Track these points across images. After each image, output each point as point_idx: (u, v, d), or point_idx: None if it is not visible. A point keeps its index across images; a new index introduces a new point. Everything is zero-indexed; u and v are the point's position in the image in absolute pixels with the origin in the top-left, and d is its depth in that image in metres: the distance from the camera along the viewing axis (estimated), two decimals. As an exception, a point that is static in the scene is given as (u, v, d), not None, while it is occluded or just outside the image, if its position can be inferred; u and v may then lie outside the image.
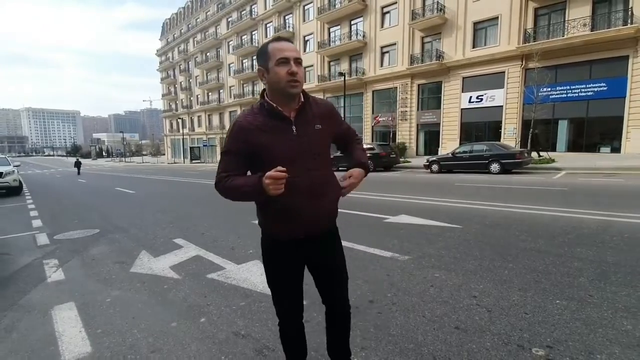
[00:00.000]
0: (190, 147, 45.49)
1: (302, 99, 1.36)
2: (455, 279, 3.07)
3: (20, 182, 12.38)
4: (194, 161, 41.46)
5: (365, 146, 1.62)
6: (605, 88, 16.92)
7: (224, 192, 1.37)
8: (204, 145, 42.90)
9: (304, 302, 1.61)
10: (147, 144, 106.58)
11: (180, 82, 55.44)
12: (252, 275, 3.38)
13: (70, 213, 7.71)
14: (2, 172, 11.40)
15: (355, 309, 2.51)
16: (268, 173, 1.18)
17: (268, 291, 2.93)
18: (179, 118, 52.49)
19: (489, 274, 3.14)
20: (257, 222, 1.54)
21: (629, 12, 15.68)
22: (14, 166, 12.56)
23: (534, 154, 15.97)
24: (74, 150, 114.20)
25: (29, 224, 6.51)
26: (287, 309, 1.54)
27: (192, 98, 53.16)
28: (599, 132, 17.79)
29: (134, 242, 4.90)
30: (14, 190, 11.78)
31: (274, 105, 1.31)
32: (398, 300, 2.66)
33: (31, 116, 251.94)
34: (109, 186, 14.77)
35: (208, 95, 49.29)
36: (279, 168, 1.17)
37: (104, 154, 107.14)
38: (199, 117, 52.36)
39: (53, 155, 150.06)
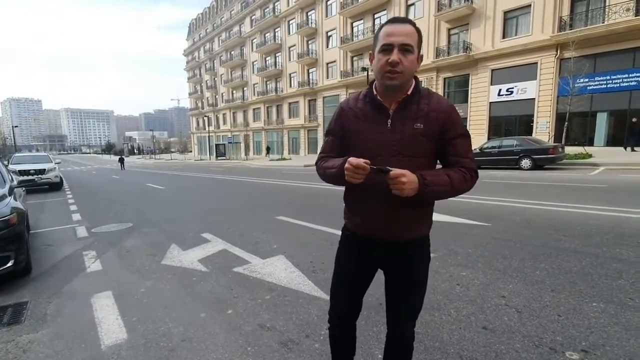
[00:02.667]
0: (216, 144, 46.54)
1: (411, 91, 1.23)
2: (482, 278, 2.99)
3: (61, 178, 13.26)
4: (219, 158, 42.41)
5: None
6: (650, 77, 15.73)
7: (319, 172, 1.40)
8: (229, 142, 43.81)
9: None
10: (175, 141, 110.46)
11: (206, 81, 56.85)
12: (277, 269, 3.44)
13: (106, 208, 8.14)
14: (45, 169, 12.27)
15: (379, 306, 2.50)
16: (351, 159, 1.15)
17: (292, 286, 3.01)
18: (205, 116, 53.89)
19: (519, 273, 3.03)
20: (282, 218, 1.56)
21: (679, -6, 14.47)
22: (55, 163, 13.46)
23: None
24: (108, 148, 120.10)
25: (69, 218, 6.93)
26: (338, 298, 1.47)
27: (217, 96, 54.40)
28: (642, 125, 16.58)
29: (164, 236, 5.11)
30: (55, 186, 12.62)
31: (375, 93, 1.26)
32: (423, 298, 2.62)
33: (70, 116, 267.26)
34: (140, 182, 15.44)
35: (232, 93, 50.26)
36: (361, 164, 1.12)
37: (135, 151, 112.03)
38: (224, 114, 53.53)
39: (89, 153, 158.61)
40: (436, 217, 5.31)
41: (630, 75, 16.30)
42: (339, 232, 1.52)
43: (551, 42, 18.08)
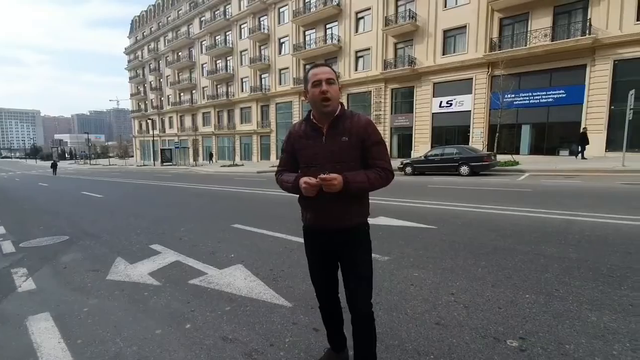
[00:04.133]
0: (161, 149, 43.76)
1: (338, 113, 1.61)
2: (433, 277, 3.22)
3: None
4: (165, 163, 39.91)
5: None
6: (564, 95, 18.13)
7: (277, 182, 1.78)
8: (175, 147, 41.41)
9: None
10: (114, 145, 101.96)
11: (150, 82, 53.54)
12: (236, 279, 3.37)
13: (34, 219, 7.28)
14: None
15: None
16: (305, 178, 1.51)
17: (253, 295, 2.98)
18: (149, 119, 50.59)
19: (464, 272, 3.31)
20: (237, 226, 1.65)
21: (587, 24, 16.90)
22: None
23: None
24: (34, 152, 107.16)
25: (-12, 232, 6.08)
26: (319, 286, 1.84)
27: (162, 98, 51.49)
28: (558, 136, 19.01)
29: (107, 249, 4.73)
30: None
31: (312, 119, 1.66)
32: (381, 300, 2.75)
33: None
34: (74, 190, 14.04)
35: (180, 96, 47.95)
36: (309, 179, 1.50)
37: (66, 155, 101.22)
38: (170, 118, 50.78)
39: (11, 157, 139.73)
40: (389, 221, 5.60)
41: (547, 92, 18.64)
42: (298, 239, 1.69)
43: (484, 61, 20.03)
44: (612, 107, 16.68)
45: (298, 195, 1.69)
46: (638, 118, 14.48)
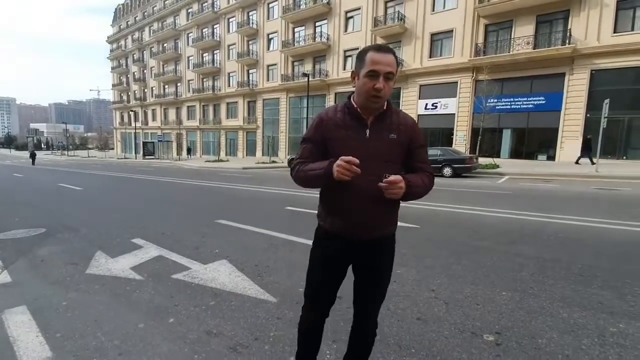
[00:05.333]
0: (144, 142, 42.70)
1: (385, 107, 1.41)
2: (415, 274, 3.30)
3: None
4: (147, 157, 39.01)
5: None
6: (544, 101, 18.78)
7: (296, 175, 1.45)
8: (159, 141, 40.50)
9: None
10: (93, 136, 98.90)
11: (134, 73, 52.17)
12: (220, 274, 3.36)
13: (9, 210, 7.00)
14: None
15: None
16: (343, 157, 1.24)
17: (238, 290, 2.98)
18: (131, 110, 49.32)
19: (445, 270, 3.42)
20: (222, 222, 1.59)
21: (568, 34, 17.55)
22: None
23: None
24: (8, 141, 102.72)
25: (-43, 223, 5.82)
26: (319, 298, 1.57)
27: (146, 90, 50.27)
28: (537, 141, 19.69)
29: (86, 242, 4.61)
30: None
31: (355, 106, 1.40)
32: (364, 296, 2.81)
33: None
34: (51, 182, 13.55)
35: (164, 88, 46.92)
36: (354, 159, 1.23)
37: (42, 146, 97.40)
38: (153, 110, 49.67)
39: None
40: (373, 220, 5.67)
41: (528, 98, 19.26)
42: (283, 236, 1.64)
43: (469, 65, 20.49)
44: (588, 115, 17.39)
45: (320, 190, 1.50)
46: (612, 126, 15.16)
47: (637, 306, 2.60)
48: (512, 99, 19.67)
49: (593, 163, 15.30)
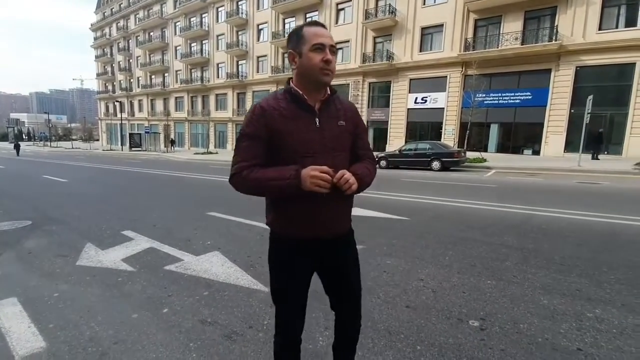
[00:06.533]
0: (130, 134, 41.78)
1: (329, 92, 1.29)
2: (404, 264, 3.40)
3: None
4: (133, 149, 38.26)
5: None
6: (530, 97, 19.12)
7: (245, 184, 1.22)
8: (145, 132, 39.68)
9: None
10: (77, 127, 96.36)
11: (119, 62, 50.76)
12: (213, 265, 3.39)
13: (-10, 203, 6.84)
14: None
15: (316, 293, 2.68)
16: (314, 167, 1.14)
17: (231, 280, 3.02)
18: (117, 101, 48.14)
19: (433, 259, 3.52)
20: (213, 214, 1.55)
21: (554, 30, 17.82)
22: None
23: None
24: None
25: (-62, 215, 5.67)
26: (293, 317, 1.39)
27: (132, 80, 49.05)
28: (523, 136, 20.08)
29: (75, 235, 4.57)
30: None
31: (300, 92, 1.24)
32: (355, 285, 2.89)
33: None
34: (34, 173, 13.23)
35: (151, 78, 45.88)
36: (325, 168, 1.13)
37: (24, 137, 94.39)
38: (139, 101, 48.56)
39: None
40: (363, 212, 5.76)
41: (515, 94, 19.57)
42: None
43: (458, 60, 20.64)
44: (572, 110, 17.80)
45: (266, 196, 1.31)
46: (594, 122, 15.57)
47: (612, 293, 2.74)
48: (499, 94, 19.97)
49: (597, 158, 15.36)
